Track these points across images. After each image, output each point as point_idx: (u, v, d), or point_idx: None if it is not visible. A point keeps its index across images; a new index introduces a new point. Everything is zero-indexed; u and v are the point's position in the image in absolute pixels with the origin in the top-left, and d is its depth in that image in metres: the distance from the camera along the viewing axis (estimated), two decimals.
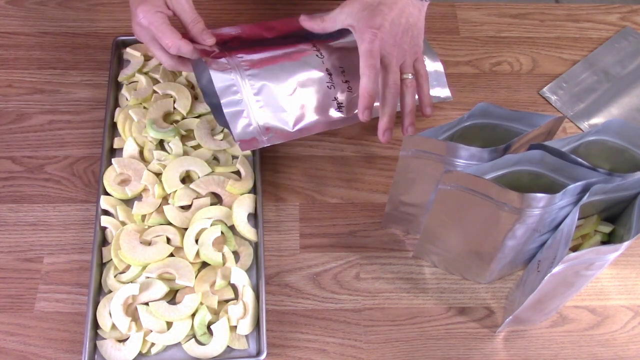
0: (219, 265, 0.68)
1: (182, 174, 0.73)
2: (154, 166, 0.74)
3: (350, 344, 0.68)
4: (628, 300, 0.71)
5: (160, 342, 0.64)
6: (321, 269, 0.72)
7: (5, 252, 0.72)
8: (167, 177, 0.72)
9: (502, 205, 0.57)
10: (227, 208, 0.72)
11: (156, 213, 0.71)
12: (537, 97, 0.86)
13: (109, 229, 0.71)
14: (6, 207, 0.74)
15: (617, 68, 0.88)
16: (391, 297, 0.71)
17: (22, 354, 0.66)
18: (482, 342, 0.68)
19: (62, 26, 0.89)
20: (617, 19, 0.93)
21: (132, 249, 0.67)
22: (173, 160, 0.73)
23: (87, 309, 0.65)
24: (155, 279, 0.67)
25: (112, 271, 0.68)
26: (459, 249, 0.67)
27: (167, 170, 0.72)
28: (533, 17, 0.93)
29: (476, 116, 0.64)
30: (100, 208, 0.71)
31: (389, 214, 0.73)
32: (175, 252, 0.69)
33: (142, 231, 0.70)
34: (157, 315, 0.65)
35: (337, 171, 0.79)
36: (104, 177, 0.73)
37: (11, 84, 0.84)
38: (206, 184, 0.72)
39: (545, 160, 0.59)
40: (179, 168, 0.73)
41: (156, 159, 0.74)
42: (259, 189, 0.74)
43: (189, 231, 0.69)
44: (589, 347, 0.68)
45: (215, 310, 0.67)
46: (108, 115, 0.78)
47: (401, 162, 0.64)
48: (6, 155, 0.78)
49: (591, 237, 0.65)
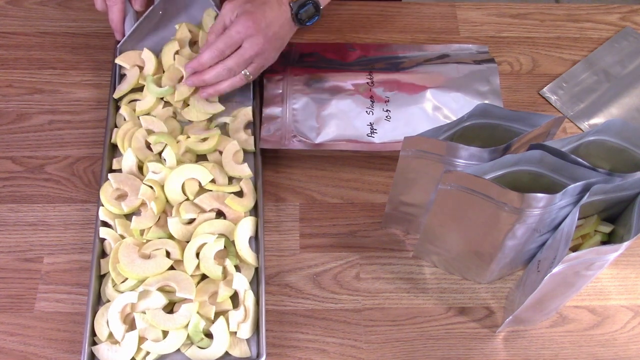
0: (219, 279, 0.68)
1: (183, 185, 0.72)
2: (149, 179, 0.72)
3: (350, 344, 0.68)
4: (628, 300, 0.71)
5: (155, 351, 0.64)
6: (321, 269, 0.72)
7: (5, 252, 0.72)
8: (170, 190, 0.71)
9: (502, 205, 0.57)
10: (229, 222, 0.71)
11: (155, 226, 0.70)
12: (537, 97, 0.86)
13: (107, 241, 0.70)
14: (6, 207, 0.74)
15: (617, 68, 0.88)
16: (391, 297, 0.71)
17: (22, 354, 0.66)
18: (482, 342, 0.68)
19: (62, 26, 0.89)
20: (617, 19, 0.93)
21: (131, 263, 0.66)
22: (174, 170, 0.72)
23: (86, 318, 0.65)
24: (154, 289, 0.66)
25: (110, 282, 0.67)
26: (459, 249, 0.67)
27: (169, 182, 0.71)
28: (533, 17, 0.93)
29: (476, 116, 0.64)
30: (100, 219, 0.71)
31: (389, 214, 0.73)
32: (174, 265, 0.68)
33: (141, 245, 0.69)
34: (153, 323, 0.64)
35: (337, 171, 0.79)
36: (100, 192, 0.71)
37: (11, 84, 0.84)
38: (210, 200, 0.72)
39: (545, 160, 0.59)
40: (181, 178, 0.72)
41: (151, 171, 0.72)
42: (260, 213, 0.73)
43: (190, 244, 0.68)
44: (589, 347, 0.68)
45: (211, 319, 0.66)
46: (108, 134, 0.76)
47: (401, 162, 0.64)
48: (6, 155, 0.78)
49: (591, 237, 0.65)
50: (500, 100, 0.81)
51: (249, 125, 0.79)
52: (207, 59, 0.74)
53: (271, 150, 0.79)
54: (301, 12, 0.75)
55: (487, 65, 0.84)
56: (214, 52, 0.73)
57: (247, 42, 0.73)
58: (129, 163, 0.73)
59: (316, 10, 0.76)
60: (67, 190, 0.76)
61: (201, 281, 0.68)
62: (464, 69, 0.83)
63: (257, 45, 0.73)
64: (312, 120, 0.78)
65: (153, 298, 0.66)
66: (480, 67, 0.83)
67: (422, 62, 0.84)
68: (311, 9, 0.75)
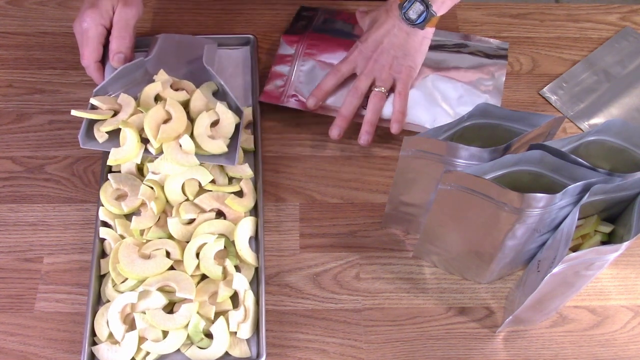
0: (219, 279, 0.68)
1: (183, 185, 0.72)
2: (149, 179, 0.71)
3: (350, 344, 0.68)
4: (628, 300, 0.71)
5: (155, 351, 0.64)
6: (321, 269, 0.72)
7: (5, 252, 0.72)
8: (170, 190, 0.71)
9: (502, 205, 0.57)
10: (229, 222, 0.71)
11: (155, 227, 0.70)
12: (537, 97, 0.86)
13: (107, 241, 0.70)
14: (6, 207, 0.74)
15: (617, 68, 0.88)
16: (391, 297, 0.71)
17: (22, 354, 0.66)
18: (482, 342, 0.68)
19: (62, 26, 0.89)
20: (617, 19, 0.93)
21: (131, 263, 0.66)
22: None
23: (86, 318, 0.65)
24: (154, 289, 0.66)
25: (110, 282, 0.68)
26: (459, 249, 0.67)
27: (169, 182, 0.71)
28: (533, 17, 0.93)
29: (476, 116, 0.64)
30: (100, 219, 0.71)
31: (389, 214, 0.73)
32: (174, 265, 0.68)
33: (141, 245, 0.69)
34: (153, 323, 0.64)
35: (337, 171, 0.79)
36: (100, 192, 0.72)
37: (11, 84, 0.84)
38: (210, 200, 0.72)
39: (545, 160, 0.59)
40: (181, 178, 0.72)
41: (151, 172, 0.72)
42: (260, 213, 0.73)
43: (190, 244, 0.68)
44: (589, 347, 0.68)
45: (211, 319, 0.66)
46: None
47: (401, 162, 0.64)
48: (6, 155, 0.78)
49: (591, 237, 0.65)
50: (500, 98, 0.81)
51: (249, 125, 0.79)
52: (346, 113, 0.77)
53: (271, 150, 0.79)
54: (406, 10, 0.76)
55: (497, 61, 0.84)
56: (350, 107, 0.77)
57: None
58: (129, 163, 0.73)
59: (425, 6, 0.75)
60: (67, 190, 0.76)
61: (201, 281, 0.68)
62: (474, 60, 0.84)
63: (369, 76, 0.78)
64: (314, 84, 0.80)
65: (153, 298, 0.66)
66: (489, 61, 0.84)
67: (436, 47, 0.84)
68: (417, 5, 0.76)
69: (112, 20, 0.75)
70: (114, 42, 0.74)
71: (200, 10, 0.92)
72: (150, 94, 0.74)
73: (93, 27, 0.73)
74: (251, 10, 0.92)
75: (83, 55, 0.74)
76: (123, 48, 0.74)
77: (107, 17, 0.74)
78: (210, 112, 0.72)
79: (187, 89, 0.76)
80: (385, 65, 0.77)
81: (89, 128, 0.72)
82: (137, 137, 0.70)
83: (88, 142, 0.71)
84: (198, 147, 0.71)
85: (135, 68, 0.76)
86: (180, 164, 0.70)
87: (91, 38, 0.74)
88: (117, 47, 0.74)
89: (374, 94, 0.77)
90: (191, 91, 0.75)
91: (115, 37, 0.74)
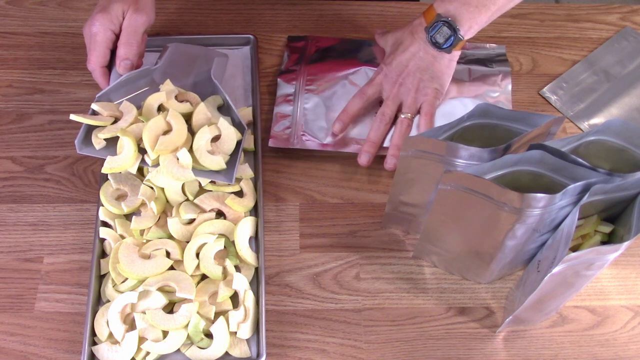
0: (219, 279, 0.68)
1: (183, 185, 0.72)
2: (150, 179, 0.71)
3: (350, 344, 0.68)
4: (628, 300, 0.71)
5: (155, 351, 0.64)
6: (321, 269, 0.72)
7: (5, 252, 0.72)
8: (170, 190, 0.71)
9: (502, 205, 0.57)
10: (229, 222, 0.71)
11: (155, 227, 0.70)
12: (537, 97, 0.86)
13: (107, 241, 0.70)
14: (6, 207, 0.74)
15: (617, 68, 0.88)
16: (391, 297, 0.71)
17: (22, 354, 0.66)
18: (482, 342, 0.68)
19: (62, 26, 0.89)
20: (617, 19, 0.93)
21: (131, 263, 0.66)
22: None
23: (86, 318, 0.65)
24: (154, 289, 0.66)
25: (110, 282, 0.68)
26: (459, 249, 0.67)
27: None
28: (533, 17, 0.93)
29: (476, 116, 0.64)
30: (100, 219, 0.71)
31: (389, 214, 0.73)
32: (174, 265, 0.68)
33: (141, 245, 0.69)
34: (153, 323, 0.64)
35: (337, 171, 0.79)
36: (100, 192, 0.72)
37: (11, 84, 0.84)
38: (210, 200, 0.72)
39: (545, 160, 0.59)
40: None
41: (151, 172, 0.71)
42: (260, 213, 0.73)
43: (190, 244, 0.68)
44: (589, 347, 0.68)
45: (211, 319, 0.66)
46: None
47: (401, 162, 0.64)
48: (6, 155, 0.78)
49: (591, 237, 0.65)
50: (510, 107, 0.80)
51: (249, 125, 0.79)
52: (374, 139, 0.76)
53: (272, 149, 0.79)
54: (433, 34, 0.75)
55: (499, 69, 0.84)
56: (378, 134, 0.77)
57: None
58: None
59: (453, 30, 0.74)
60: (67, 190, 0.76)
61: (201, 281, 0.68)
62: (477, 72, 0.83)
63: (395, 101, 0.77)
64: (321, 120, 0.79)
65: (153, 298, 0.66)
66: (492, 70, 0.83)
67: None
68: (444, 29, 0.74)
69: (121, 25, 0.74)
70: (122, 48, 0.73)
71: (200, 10, 0.93)
72: (153, 104, 0.72)
73: (102, 32, 0.73)
74: (251, 10, 0.92)
75: (90, 59, 0.74)
76: (130, 55, 0.74)
77: (116, 23, 0.73)
78: (212, 127, 0.71)
79: (192, 101, 0.75)
80: (411, 89, 0.77)
81: (88, 133, 0.72)
82: (134, 146, 0.69)
83: (85, 148, 0.70)
84: (196, 161, 0.69)
85: (142, 76, 0.75)
86: (176, 178, 0.69)
87: (99, 42, 0.73)
88: (124, 54, 0.73)
89: (400, 121, 0.77)
90: (195, 103, 0.74)
91: (123, 43, 0.73)
